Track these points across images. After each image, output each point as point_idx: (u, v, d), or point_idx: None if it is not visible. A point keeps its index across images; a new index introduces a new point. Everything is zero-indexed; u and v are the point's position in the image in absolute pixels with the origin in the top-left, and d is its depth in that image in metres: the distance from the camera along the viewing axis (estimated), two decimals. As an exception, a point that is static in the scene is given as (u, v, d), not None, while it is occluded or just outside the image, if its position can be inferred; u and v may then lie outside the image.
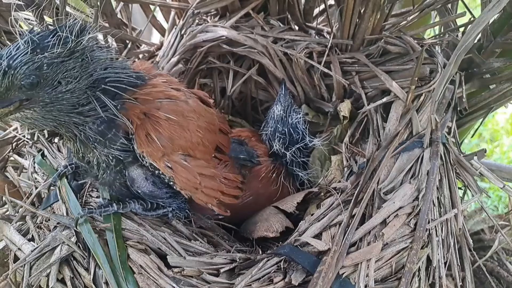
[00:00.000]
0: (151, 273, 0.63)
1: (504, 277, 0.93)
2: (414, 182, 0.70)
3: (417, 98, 0.80)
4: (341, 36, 0.93)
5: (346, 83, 0.90)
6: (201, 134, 0.70)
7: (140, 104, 0.64)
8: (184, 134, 0.67)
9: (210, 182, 0.71)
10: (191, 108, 0.70)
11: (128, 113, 0.63)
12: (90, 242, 0.66)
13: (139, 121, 0.64)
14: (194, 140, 0.69)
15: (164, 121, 0.65)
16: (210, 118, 0.75)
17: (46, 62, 0.55)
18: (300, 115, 0.89)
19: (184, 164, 0.67)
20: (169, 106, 0.66)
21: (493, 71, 0.84)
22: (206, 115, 0.74)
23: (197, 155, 0.70)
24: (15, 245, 0.73)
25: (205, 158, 0.72)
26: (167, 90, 0.69)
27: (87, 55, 0.60)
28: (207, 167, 0.71)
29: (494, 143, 1.93)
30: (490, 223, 1.05)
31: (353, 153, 0.82)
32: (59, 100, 0.58)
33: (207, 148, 0.73)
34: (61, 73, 0.57)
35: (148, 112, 0.65)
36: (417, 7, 0.86)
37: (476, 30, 0.63)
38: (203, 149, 0.71)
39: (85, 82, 0.60)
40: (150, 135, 0.64)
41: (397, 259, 0.64)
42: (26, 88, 0.55)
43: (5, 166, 0.90)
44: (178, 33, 1.00)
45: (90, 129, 0.62)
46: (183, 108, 0.68)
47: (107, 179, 0.69)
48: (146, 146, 0.64)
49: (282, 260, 0.65)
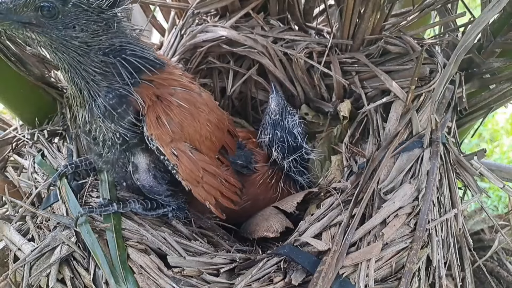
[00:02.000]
0: (151, 273, 0.63)
1: (504, 277, 0.93)
2: (414, 182, 0.70)
3: (417, 98, 0.80)
4: (341, 36, 0.93)
5: (346, 83, 0.90)
6: (210, 129, 0.70)
7: (154, 86, 0.64)
8: (194, 124, 0.67)
9: (212, 179, 0.70)
10: (204, 101, 0.70)
11: (142, 92, 0.63)
12: (90, 243, 0.66)
13: (151, 102, 0.63)
14: (203, 132, 0.68)
15: (176, 107, 0.65)
16: (220, 116, 0.75)
17: (73, 1, 0.55)
18: (296, 117, 0.88)
19: (190, 155, 0.66)
20: (182, 95, 0.66)
21: (493, 71, 0.84)
22: (217, 111, 0.74)
23: (202, 149, 0.69)
24: (15, 245, 0.73)
25: (209, 155, 0.71)
26: (183, 80, 0.69)
27: (115, 22, 0.60)
28: (210, 164, 0.71)
29: (494, 143, 1.93)
30: (490, 223, 1.05)
31: (353, 153, 0.82)
32: (67, 42, 0.58)
33: (214, 145, 0.72)
34: (81, 19, 0.57)
35: (161, 95, 0.64)
36: (417, 7, 0.86)
37: (476, 30, 0.63)
38: (209, 144, 0.71)
39: (104, 44, 0.60)
40: (160, 118, 0.63)
41: (397, 259, 0.64)
42: (42, 14, 0.55)
43: (5, 166, 0.90)
44: (178, 33, 1.00)
45: (103, 100, 0.63)
46: (196, 99, 0.68)
47: (111, 158, 0.69)
48: (155, 128, 0.63)
49: (282, 260, 0.65)
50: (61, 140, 0.89)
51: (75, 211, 0.70)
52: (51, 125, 0.91)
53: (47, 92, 0.92)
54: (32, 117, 0.92)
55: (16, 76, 0.84)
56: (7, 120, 1.04)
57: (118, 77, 0.61)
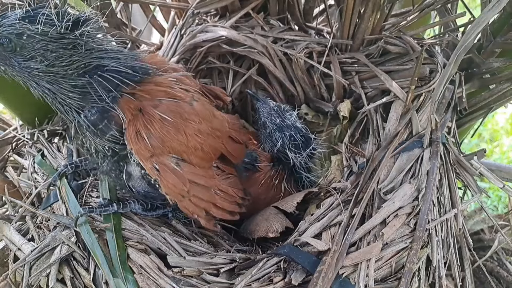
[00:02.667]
0: (151, 273, 0.63)
1: (504, 277, 0.92)
2: (414, 182, 0.70)
3: (417, 98, 0.80)
4: (341, 36, 0.93)
5: (346, 83, 0.90)
6: (201, 139, 0.68)
7: (136, 99, 0.63)
8: (179, 137, 0.65)
9: (202, 191, 0.68)
10: (194, 111, 0.68)
11: (123, 106, 0.63)
12: (89, 243, 0.66)
13: (132, 116, 0.62)
14: (190, 144, 0.66)
15: (157, 120, 0.63)
16: (217, 124, 0.72)
17: (27, 33, 0.56)
18: (293, 112, 0.87)
19: (174, 168, 0.64)
20: (168, 106, 0.65)
21: (493, 71, 0.84)
22: (211, 120, 0.71)
23: (192, 160, 0.67)
24: (15, 245, 0.73)
25: (202, 165, 0.69)
26: (171, 89, 0.67)
27: (82, 43, 0.59)
28: (202, 176, 0.68)
29: (493, 143, 1.93)
30: (490, 223, 1.05)
31: (353, 153, 0.82)
32: (30, 73, 0.59)
33: (207, 155, 0.70)
34: (38, 50, 0.57)
35: (144, 108, 0.63)
36: (417, 7, 0.86)
37: (476, 30, 0.63)
38: (201, 155, 0.68)
39: (74, 66, 0.59)
40: (140, 132, 0.62)
41: (397, 259, 0.64)
42: (3, 48, 0.57)
43: (5, 166, 0.90)
44: (178, 33, 1.00)
45: (85, 116, 0.63)
46: (184, 109, 0.66)
47: (105, 168, 0.69)
48: (134, 143, 0.62)
49: (282, 260, 0.65)
50: (61, 140, 0.89)
51: (75, 211, 0.70)
52: (51, 125, 0.91)
53: (47, 92, 0.92)
54: (32, 117, 0.92)
55: (16, 76, 0.84)
56: (7, 120, 1.04)
57: (95, 95, 0.61)
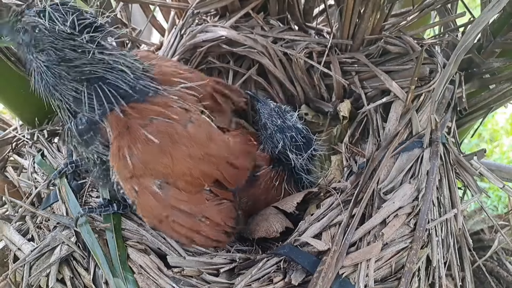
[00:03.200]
0: (151, 273, 0.63)
1: (504, 277, 0.93)
2: (414, 182, 0.70)
3: (417, 98, 0.80)
4: (341, 36, 0.93)
5: (346, 83, 0.90)
6: (191, 164, 0.64)
7: (126, 117, 0.61)
8: (164, 160, 0.61)
9: (184, 218, 0.64)
10: (186, 134, 0.63)
11: (112, 121, 0.61)
12: (90, 243, 0.66)
13: (118, 133, 0.60)
14: (177, 168, 0.62)
15: (142, 141, 0.60)
16: (213, 149, 0.67)
17: (39, 27, 0.56)
18: (293, 113, 0.86)
19: (155, 191, 0.61)
20: (158, 126, 0.61)
21: (492, 71, 0.84)
22: (207, 144, 0.66)
23: (179, 185, 0.63)
24: (14, 245, 0.73)
25: (189, 190, 0.65)
26: (167, 108, 0.63)
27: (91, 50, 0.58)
28: (186, 201, 0.65)
29: (493, 143, 1.93)
30: (489, 223, 1.05)
31: (353, 153, 0.82)
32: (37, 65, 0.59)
33: (196, 180, 0.65)
34: (47, 45, 0.57)
35: (131, 127, 0.61)
36: (417, 7, 0.86)
37: (476, 30, 0.63)
38: (189, 180, 0.65)
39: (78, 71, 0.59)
40: (122, 150, 0.60)
41: (396, 259, 0.64)
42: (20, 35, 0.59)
43: (5, 166, 0.90)
44: (178, 33, 1.00)
45: (75, 123, 0.63)
46: (175, 131, 0.62)
47: (95, 175, 0.68)
48: (116, 161, 0.60)
49: (282, 260, 0.65)
50: (61, 140, 0.89)
51: (75, 211, 0.70)
52: (51, 125, 0.91)
53: (47, 92, 0.92)
54: (32, 117, 0.92)
55: (16, 76, 0.84)
56: (7, 120, 1.04)
57: (88, 104, 0.60)
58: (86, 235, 0.67)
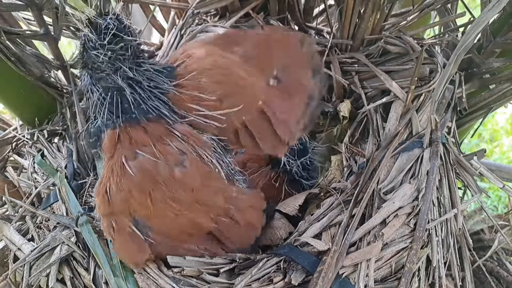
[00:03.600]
0: (151, 273, 0.63)
1: (504, 277, 0.93)
2: (414, 182, 0.70)
3: (417, 98, 0.80)
4: (341, 36, 0.93)
5: (346, 83, 0.90)
6: (175, 209, 0.58)
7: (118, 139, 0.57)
8: (142, 200, 0.56)
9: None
10: (171, 177, 0.56)
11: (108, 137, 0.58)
12: (90, 242, 0.66)
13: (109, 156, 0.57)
14: (157, 210, 0.57)
15: (126, 175, 0.55)
16: (207, 195, 0.60)
17: (86, 44, 0.54)
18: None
19: (132, 231, 0.57)
20: (142, 162, 0.55)
21: (493, 71, 0.84)
22: (199, 188, 0.59)
23: (164, 231, 0.59)
24: (14, 245, 0.73)
25: (176, 238, 0.61)
26: (157, 143, 0.57)
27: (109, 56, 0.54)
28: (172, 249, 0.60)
29: (493, 143, 1.93)
30: (489, 223, 1.05)
31: (353, 153, 0.82)
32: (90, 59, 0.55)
33: (182, 228, 0.60)
34: (92, 59, 0.54)
35: (117, 155, 0.56)
36: (417, 7, 0.86)
37: (476, 30, 0.63)
38: (175, 227, 0.60)
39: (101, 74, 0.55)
40: (105, 181, 0.56)
41: (396, 259, 0.64)
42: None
43: (5, 166, 0.91)
44: (178, 33, 1.00)
45: (91, 122, 0.61)
46: (157, 171, 0.56)
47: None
48: (97, 194, 0.57)
49: (282, 260, 0.65)
50: (61, 140, 0.89)
51: (75, 211, 0.70)
52: (51, 125, 0.91)
53: (47, 92, 0.92)
54: (32, 117, 0.92)
55: (16, 76, 0.84)
56: (7, 120, 1.04)
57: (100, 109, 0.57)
58: (86, 235, 0.67)
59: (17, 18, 0.91)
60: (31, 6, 0.80)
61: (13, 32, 0.84)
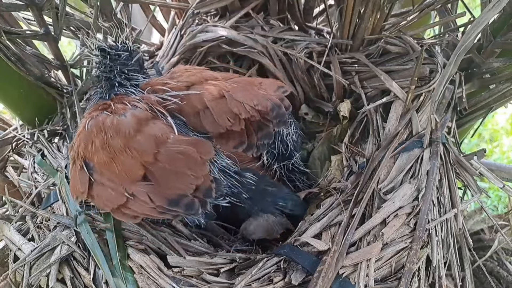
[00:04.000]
0: (151, 273, 0.63)
1: (504, 277, 0.93)
2: (414, 182, 0.70)
3: (417, 98, 0.80)
4: (341, 36, 0.93)
5: (346, 83, 0.90)
6: (110, 154, 0.64)
7: (92, 110, 0.71)
8: (88, 147, 0.65)
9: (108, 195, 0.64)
10: (112, 125, 0.65)
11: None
12: (89, 243, 0.66)
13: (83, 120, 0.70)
14: (98, 156, 0.64)
15: (82, 129, 0.67)
16: (138, 142, 0.64)
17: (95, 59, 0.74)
18: (291, 128, 0.85)
19: (80, 170, 0.66)
20: (96, 120, 0.67)
21: (493, 71, 0.84)
22: (131, 136, 0.64)
23: (104, 174, 0.64)
24: (15, 245, 0.73)
25: (114, 181, 0.64)
26: (118, 103, 0.69)
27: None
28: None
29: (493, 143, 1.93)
30: (489, 223, 1.05)
31: (353, 153, 0.82)
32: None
33: (118, 172, 0.63)
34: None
35: (86, 118, 0.69)
36: (417, 7, 0.86)
37: (476, 30, 0.63)
38: (113, 170, 0.64)
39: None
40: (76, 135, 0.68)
41: (397, 259, 0.64)
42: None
43: (5, 166, 0.91)
44: (178, 33, 1.00)
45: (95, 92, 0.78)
46: (103, 122, 0.66)
47: None
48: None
49: (282, 260, 0.65)
50: (61, 140, 0.89)
51: (74, 210, 0.70)
52: (51, 125, 0.92)
53: (47, 92, 0.92)
54: (32, 117, 0.92)
55: (16, 76, 0.84)
56: (7, 120, 1.04)
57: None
58: (86, 235, 0.67)
59: (17, 18, 0.91)
60: (31, 6, 0.80)
61: (13, 32, 0.84)
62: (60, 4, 0.82)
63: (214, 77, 0.76)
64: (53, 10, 0.83)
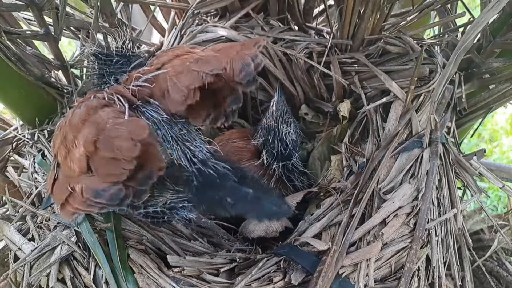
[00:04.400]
0: (151, 273, 0.63)
1: (504, 276, 0.93)
2: (413, 182, 0.70)
3: (417, 98, 0.80)
4: (341, 36, 0.93)
5: (346, 83, 0.90)
6: (66, 144, 0.62)
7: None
8: (57, 139, 0.64)
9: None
10: (67, 120, 0.64)
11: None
12: (90, 242, 0.66)
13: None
14: (56, 147, 0.64)
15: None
16: (83, 132, 0.59)
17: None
18: (291, 127, 0.85)
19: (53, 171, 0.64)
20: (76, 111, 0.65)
21: (492, 71, 0.84)
22: (80, 128, 0.60)
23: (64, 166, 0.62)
24: (15, 245, 0.73)
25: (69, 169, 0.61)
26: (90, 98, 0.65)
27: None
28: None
29: (493, 143, 1.93)
30: (489, 223, 1.05)
31: (352, 153, 0.82)
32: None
33: (68, 162, 0.61)
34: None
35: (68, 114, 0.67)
36: (417, 7, 0.87)
37: (476, 30, 0.63)
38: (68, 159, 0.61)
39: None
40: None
41: (396, 259, 0.64)
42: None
43: (5, 166, 0.91)
44: (178, 33, 1.00)
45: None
46: (68, 118, 0.64)
47: None
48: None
49: (282, 260, 0.65)
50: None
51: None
52: (51, 125, 0.92)
53: (47, 92, 0.92)
54: (32, 117, 0.92)
55: (16, 76, 0.84)
56: (7, 120, 1.04)
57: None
58: (86, 235, 0.67)
59: (17, 18, 0.91)
60: (31, 6, 0.80)
61: (14, 32, 0.84)
62: (60, 4, 0.82)
63: (186, 51, 0.68)
64: (53, 10, 0.83)
